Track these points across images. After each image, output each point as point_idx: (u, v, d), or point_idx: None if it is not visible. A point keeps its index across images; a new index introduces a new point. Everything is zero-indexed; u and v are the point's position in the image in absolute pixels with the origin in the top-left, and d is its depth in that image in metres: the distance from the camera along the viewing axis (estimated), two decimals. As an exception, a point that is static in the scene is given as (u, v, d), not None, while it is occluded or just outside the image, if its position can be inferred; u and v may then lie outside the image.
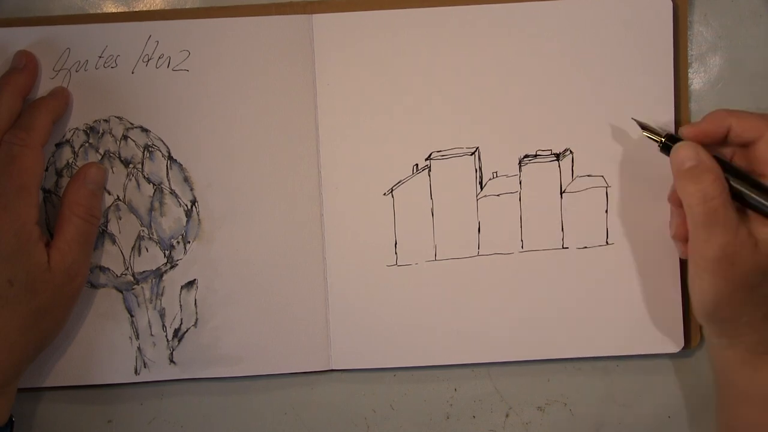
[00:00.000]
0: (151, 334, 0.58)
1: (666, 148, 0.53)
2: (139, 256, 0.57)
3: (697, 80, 0.59)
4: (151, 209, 0.57)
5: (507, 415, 0.60)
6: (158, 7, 0.58)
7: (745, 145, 0.52)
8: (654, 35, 0.57)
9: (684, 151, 0.52)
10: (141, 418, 0.59)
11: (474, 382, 0.60)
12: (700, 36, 0.59)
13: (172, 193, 0.57)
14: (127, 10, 0.58)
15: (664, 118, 0.57)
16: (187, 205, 0.57)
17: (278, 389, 0.59)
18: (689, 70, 0.58)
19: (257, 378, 0.59)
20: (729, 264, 0.50)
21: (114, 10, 0.58)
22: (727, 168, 0.51)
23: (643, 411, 0.60)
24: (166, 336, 0.58)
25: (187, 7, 0.58)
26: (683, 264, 0.58)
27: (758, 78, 0.59)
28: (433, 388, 0.60)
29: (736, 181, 0.51)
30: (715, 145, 0.53)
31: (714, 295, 0.51)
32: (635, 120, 0.56)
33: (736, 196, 0.51)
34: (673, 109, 0.57)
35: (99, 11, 0.58)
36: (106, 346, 0.57)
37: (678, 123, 0.57)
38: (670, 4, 0.56)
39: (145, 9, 0.58)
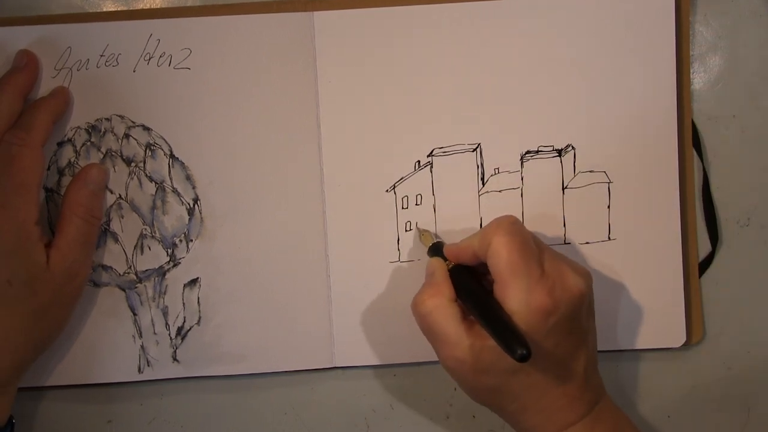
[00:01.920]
0: (154, 333, 0.58)
1: (431, 251, 0.55)
2: (141, 254, 0.57)
3: (697, 80, 0.59)
4: (154, 208, 0.57)
5: (507, 414, 0.60)
6: (159, 6, 0.58)
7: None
8: (656, 30, 0.57)
9: (427, 267, 0.54)
10: (141, 418, 0.59)
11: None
12: (700, 36, 0.59)
13: (174, 191, 0.57)
14: (127, 9, 0.58)
15: (665, 113, 0.57)
16: (189, 204, 0.57)
17: (278, 389, 0.59)
18: (690, 70, 0.58)
19: (257, 378, 0.59)
20: (458, 373, 0.51)
21: (114, 9, 0.58)
22: (470, 289, 0.51)
23: (643, 410, 0.60)
24: (169, 334, 0.58)
25: (188, 5, 0.57)
26: (685, 260, 0.58)
27: (758, 78, 0.59)
28: (433, 388, 0.60)
29: (473, 305, 0.50)
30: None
31: (465, 393, 0.53)
32: (417, 227, 0.57)
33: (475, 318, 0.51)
34: (675, 104, 0.57)
35: (99, 10, 0.58)
36: (109, 344, 0.57)
37: (680, 119, 0.57)
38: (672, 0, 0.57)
39: (145, 7, 0.58)
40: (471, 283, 0.52)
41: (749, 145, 0.59)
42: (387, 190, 0.58)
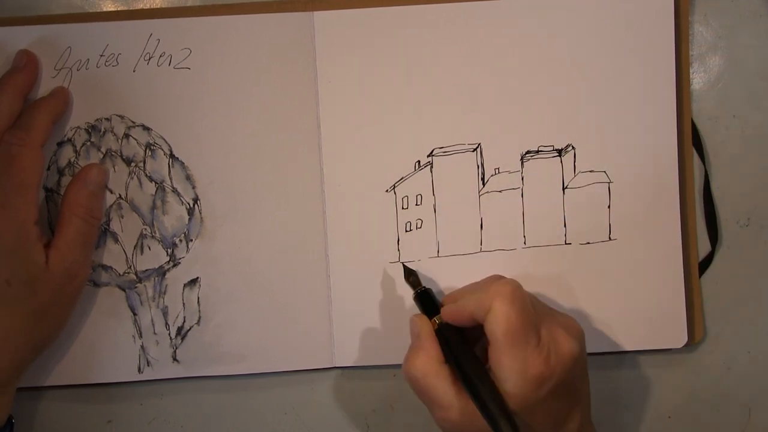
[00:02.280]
0: (154, 333, 0.57)
1: (418, 299, 0.54)
2: (141, 254, 0.57)
3: (697, 80, 0.59)
4: (153, 207, 0.57)
5: (507, 415, 0.60)
6: (159, 6, 0.58)
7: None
8: (655, 30, 0.57)
9: (411, 326, 0.53)
10: (141, 418, 0.59)
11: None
12: (700, 36, 0.59)
13: (174, 191, 0.57)
14: (127, 9, 0.58)
15: (665, 113, 0.57)
16: (189, 203, 0.57)
17: (278, 389, 0.59)
18: (689, 70, 0.58)
19: (257, 378, 0.59)
20: None
21: (113, 9, 0.58)
22: (453, 341, 0.51)
23: (644, 411, 0.60)
24: (169, 334, 0.58)
25: (188, 5, 0.57)
26: (685, 260, 0.58)
27: (758, 78, 0.59)
28: (433, 388, 0.60)
29: (461, 374, 0.50)
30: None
31: None
32: (403, 264, 0.57)
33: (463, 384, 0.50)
34: (674, 103, 0.57)
35: (99, 10, 0.58)
36: (109, 344, 0.57)
37: (680, 118, 0.57)
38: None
39: (145, 7, 0.58)
40: (459, 347, 0.51)
41: (749, 145, 0.59)
42: (387, 190, 0.57)
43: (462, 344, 0.51)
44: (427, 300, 0.54)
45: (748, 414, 0.60)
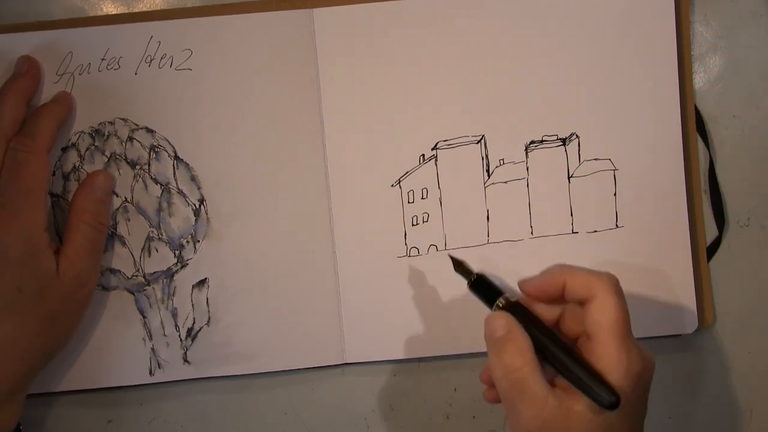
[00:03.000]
0: (164, 335, 0.58)
1: (474, 287, 0.52)
2: (149, 257, 0.57)
3: (697, 80, 0.59)
4: (160, 210, 0.57)
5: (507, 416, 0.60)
6: (159, 7, 0.58)
7: (582, 303, 0.49)
8: (658, 17, 0.57)
9: (495, 322, 0.49)
10: (141, 418, 0.59)
11: (474, 381, 0.59)
12: (700, 36, 0.59)
13: (180, 192, 0.57)
14: (127, 11, 0.58)
15: (668, 99, 0.57)
16: (195, 204, 0.57)
17: (278, 389, 0.59)
18: (691, 56, 0.58)
19: (257, 378, 0.59)
20: None
21: (114, 11, 0.58)
22: (542, 334, 0.49)
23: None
24: (179, 336, 0.58)
25: (187, 6, 0.57)
26: (694, 245, 0.58)
27: (758, 78, 0.59)
28: (433, 388, 0.60)
29: (550, 351, 0.48)
30: (553, 301, 0.50)
31: None
32: (450, 256, 0.55)
33: (550, 363, 0.48)
34: (677, 89, 0.57)
35: (99, 11, 0.58)
36: (119, 348, 0.57)
37: (683, 104, 0.57)
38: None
39: (145, 9, 0.58)
40: (543, 329, 0.49)
41: (749, 146, 0.59)
42: (392, 185, 0.57)
43: (543, 326, 0.49)
44: (484, 286, 0.52)
45: (750, 414, 0.60)
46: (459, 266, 0.54)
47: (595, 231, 0.58)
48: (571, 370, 0.47)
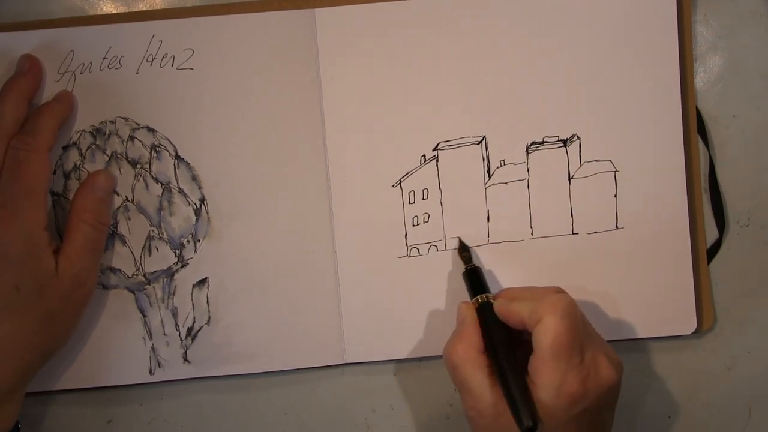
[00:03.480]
0: (164, 334, 0.58)
1: (466, 275, 0.55)
2: (149, 256, 0.57)
3: (697, 80, 0.59)
4: (160, 209, 0.57)
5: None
6: (159, 6, 0.58)
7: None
8: (659, 18, 0.57)
9: (459, 311, 0.54)
10: (141, 419, 0.59)
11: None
12: (700, 36, 0.59)
13: (181, 192, 0.57)
14: (127, 11, 0.58)
15: (669, 100, 0.57)
16: (195, 204, 0.57)
17: (278, 389, 0.59)
18: (693, 58, 0.58)
19: (257, 378, 0.59)
20: (476, 424, 0.51)
21: (114, 11, 0.58)
22: (496, 340, 0.51)
23: (644, 411, 0.60)
24: (179, 335, 0.58)
25: (188, 5, 0.57)
26: (694, 246, 0.58)
27: (758, 78, 0.59)
28: (433, 388, 0.60)
29: (496, 360, 0.51)
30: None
31: None
32: (459, 239, 0.57)
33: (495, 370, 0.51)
34: (679, 90, 0.57)
35: (100, 11, 0.58)
36: (119, 347, 0.57)
37: (684, 105, 0.57)
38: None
39: (146, 9, 0.58)
40: (500, 335, 0.52)
41: (749, 146, 0.59)
42: (393, 185, 0.57)
43: (503, 334, 0.52)
44: (475, 278, 0.55)
45: (748, 414, 0.60)
46: (464, 251, 0.56)
47: (596, 232, 0.58)
48: (507, 382, 0.49)
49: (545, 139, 0.57)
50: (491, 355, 0.51)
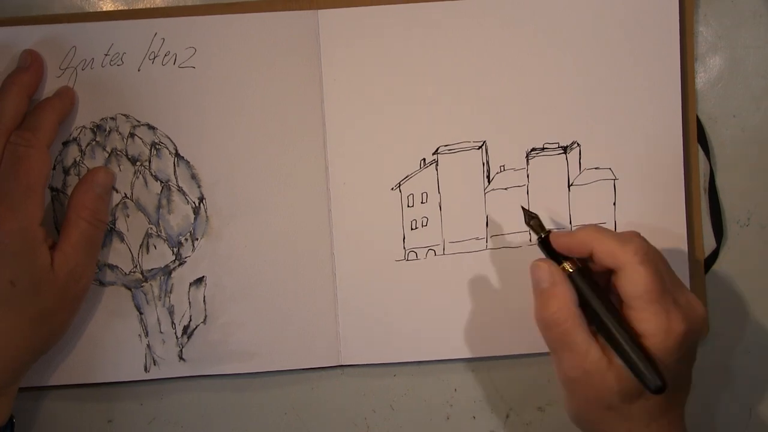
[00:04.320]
0: (161, 332, 0.58)
1: (542, 244, 0.53)
2: (147, 253, 0.57)
3: (697, 80, 0.59)
4: (159, 207, 0.57)
5: (507, 416, 0.60)
6: (159, 5, 0.58)
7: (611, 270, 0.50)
8: (660, 27, 0.57)
9: (539, 272, 0.51)
10: (141, 419, 0.59)
11: (474, 382, 0.60)
12: (700, 36, 0.59)
13: (180, 190, 0.57)
14: (127, 8, 0.58)
15: (670, 109, 0.57)
16: (194, 202, 0.57)
17: (278, 389, 0.59)
18: (694, 66, 0.58)
19: (257, 378, 0.59)
20: (579, 385, 0.50)
21: (112, 8, 0.58)
22: (586, 288, 0.50)
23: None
24: (175, 333, 0.58)
25: (188, 4, 0.57)
26: (691, 256, 0.58)
27: (758, 78, 0.59)
28: (433, 389, 0.60)
29: (591, 308, 0.50)
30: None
31: (571, 410, 0.52)
32: (522, 208, 0.55)
33: (600, 332, 0.50)
34: (680, 100, 0.57)
35: (98, 9, 0.57)
36: (115, 343, 0.57)
37: (685, 115, 0.57)
38: (676, -1, 0.57)
39: (147, 6, 0.58)
40: (595, 294, 0.50)
41: (749, 146, 0.59)
42: (392, 188, 0.57)
43: (599, 291, 0.50)
44: (551, 246, 0.52)
45: (748, 414, 0.60)
46: (530, 220, 0.54)
47: (594, 240, 0.58)
48: (621, 347, 0.48)
49: (545, 146, 0.57)
50: (591, 319, 0.50)
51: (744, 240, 0.60)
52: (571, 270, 0.51)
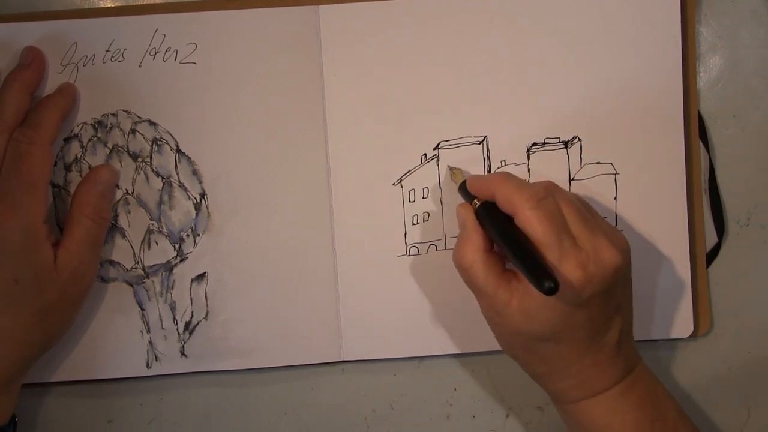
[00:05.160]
0: (162, 328, 0.58)
1: (461, 189, 0.54)
2: (149, 249, 0.57)
3: (697, 80, 0.59)
4: (161, 203, 0.57)
5: (507, 415, 0.60)
6: (161, 0, 0.58)
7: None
8: (662, 21, 0.57)
9: (459, 215, 0.53)
10: (141, 418, 0.59)
11: (474, 381, 0.60)
12: (701, 36, 0.59)
13: (181, 186, 0.57)
14: (127, 4, 0.57)
15: (672, 104, 0.57)
16: (196, 198, 0.57)
17: (278, 389, 0.59)
18: (696, 62, 0.58)
19: (257, 378, 0.59)
20: (494, 324, 0.52)
21: (113, 4, 0.58)
22: (489, 224, 0.51)
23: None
24: (177, 329, 0.58)
25: (190, -1, 0.58)
26: (692, 251, 0.58)
27: (758, 78, 0.59)
28: (433, 388, 0.60)
29: (499, 245, 0.50)
30: None
31: (500, 346, 0.54)
32: (448, 166, 0.57)
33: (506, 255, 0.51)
34: (681, 95, 0.57)
35: (98, 6, 0.57)
36: (116, 340, 0.58)
37: (686, 110, 0.57)
38: (678, -5, 0.57)
39: (148, 2, 0.57)
40: (498, 219, 0.51)
41: (749, 146, 0.59)
42: (394, 184, 0.58)
43: (500, 215, 0.51)
44: (466, 188, 0.54)
45: (747, 413, 0.60)
46: (453, 169, 0.56)
47: (595, 234, 0.58)
48: (516, 257, 0.48)
49: (546, 141, 0.57)
50: (494, 239, 0.51)
51: (744, 240, 0.60)
52: (477, 204, 0.52)
